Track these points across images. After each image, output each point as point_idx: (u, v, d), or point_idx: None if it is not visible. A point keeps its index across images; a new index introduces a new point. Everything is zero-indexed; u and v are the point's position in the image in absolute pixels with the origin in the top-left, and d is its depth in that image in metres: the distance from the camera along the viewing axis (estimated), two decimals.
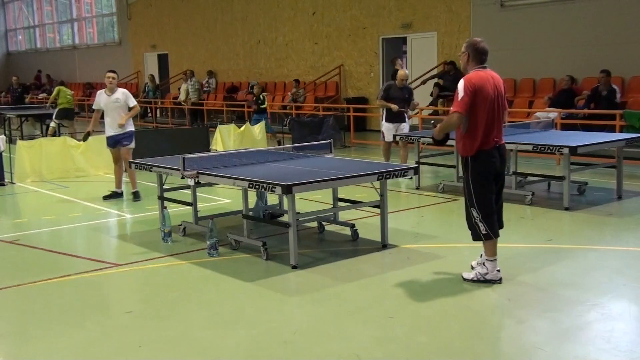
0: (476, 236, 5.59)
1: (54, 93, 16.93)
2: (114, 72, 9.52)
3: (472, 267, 5.78)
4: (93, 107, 9.74)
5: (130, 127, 9.51)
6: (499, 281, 5.54)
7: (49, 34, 35.93)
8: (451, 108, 5.50)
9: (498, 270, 5.56)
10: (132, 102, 9.46)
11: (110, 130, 9.37)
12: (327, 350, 4.40)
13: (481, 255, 5.68)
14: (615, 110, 12.10)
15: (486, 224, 5.49)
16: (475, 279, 5.58)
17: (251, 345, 4.51)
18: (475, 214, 5.51)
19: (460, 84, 5.40)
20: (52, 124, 16.27)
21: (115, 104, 9.33)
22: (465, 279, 5.63)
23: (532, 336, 4.55)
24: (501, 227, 5.70)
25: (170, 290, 5.77)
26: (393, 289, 5.52)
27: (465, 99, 5.33)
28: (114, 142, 9.43)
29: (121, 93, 9.39)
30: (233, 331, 4.77)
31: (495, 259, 5.56)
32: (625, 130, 11.46)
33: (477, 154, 5.44)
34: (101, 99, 9.43)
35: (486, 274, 5.55)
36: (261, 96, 16.03)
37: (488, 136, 5.42)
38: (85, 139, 10.51)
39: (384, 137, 11.33)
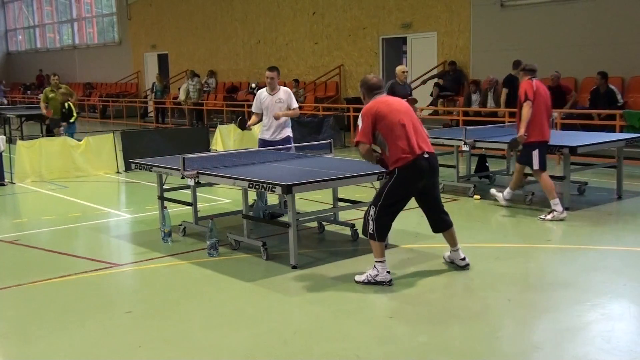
0: (364, 231, 5.74)
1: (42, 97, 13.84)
2: (274, 69, 8.23)
3: (445, 260, 6.05)
4: (252, 109, 8.44)
5: (288, 132, 8.37)
6: (388, 283, 5.58)
7: (49, 34, 35.92)
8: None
9: (388, 272, 5.62)
10: (295, 104, 8.25)
11: (267, 133, 8.31)
12: (327, 350, 4.40)
13: (450, 252, 5.95)
14: (616, 109, 12.08)
15: (375, 225, 5.60)
16: (366, 281, 5.62)
17: (251, 345, 4.51)
18: (372, 211, 5.64)
19: (360, 115, 5.70)
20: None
21: (279, 104, 8.20)
22: (357, 282, 5.66)
23: (531, 336, 4.55)
24: (447, 228, 5.88)
25: (170, 290, 5.77)
26: (393, 289, 5.52)
27: (363, 126, 5.59)
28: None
29: (284, 92, 8.25)
30: (233, 331, 4.77)
31: (384, 260, 5.62)
32: (625, 130, 11.45)
33: (400, 168, 5.56)
34: (262, 98, 8.28)
35: (376, 275, 5.61)
36: (67, 104, 12.97)
37: (407, 149, 5.52)
38: (242, 126, 8.80)
39: None
